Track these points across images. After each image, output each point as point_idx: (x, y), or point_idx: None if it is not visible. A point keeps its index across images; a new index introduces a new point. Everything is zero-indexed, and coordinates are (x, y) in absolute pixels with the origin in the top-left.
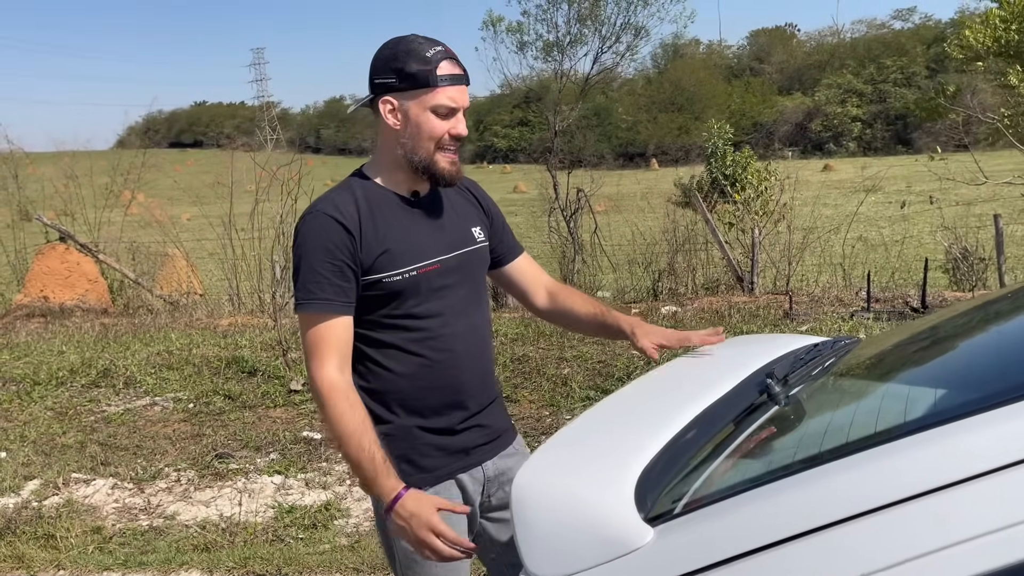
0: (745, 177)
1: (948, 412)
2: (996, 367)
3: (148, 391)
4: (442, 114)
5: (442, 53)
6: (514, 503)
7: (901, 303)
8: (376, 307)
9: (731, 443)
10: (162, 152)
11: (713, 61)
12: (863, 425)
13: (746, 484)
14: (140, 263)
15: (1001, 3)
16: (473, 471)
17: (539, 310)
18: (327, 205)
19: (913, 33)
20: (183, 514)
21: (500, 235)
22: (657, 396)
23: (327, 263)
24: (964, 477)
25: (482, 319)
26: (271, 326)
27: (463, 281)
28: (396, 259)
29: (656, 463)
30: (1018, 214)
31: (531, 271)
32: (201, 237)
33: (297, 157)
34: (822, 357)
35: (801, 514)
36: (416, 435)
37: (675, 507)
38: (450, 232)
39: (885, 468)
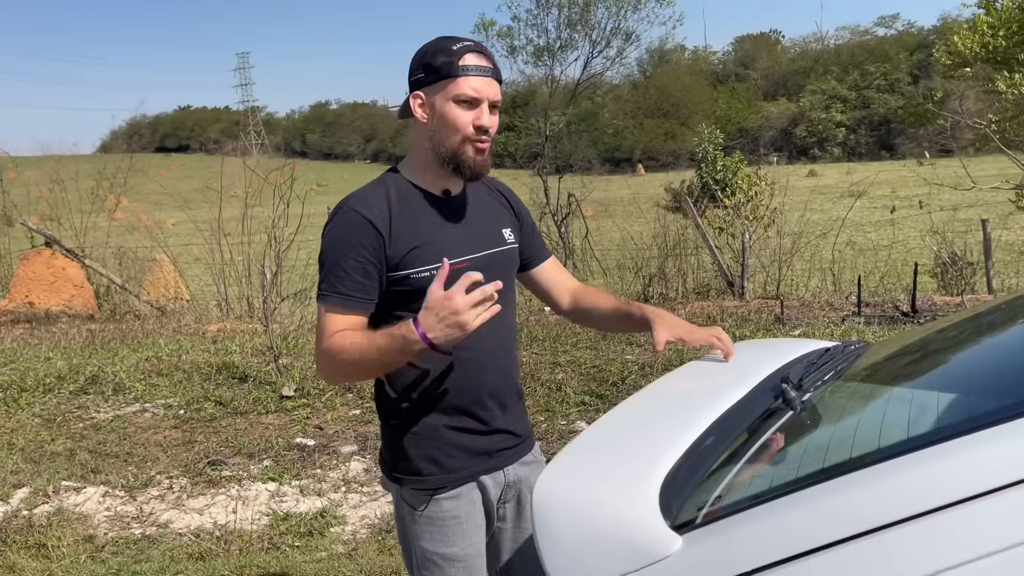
0: (735, 182)
1: (976, 420)
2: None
3: (137, 397)
4: (464, 103)
5: (468, 47)
6: (535, 511)
7: (891, 307)
8: (404, 303)
9: (751, 449)
10: (147, 156)
11: (699, 67)
12: (885, 433)
13: (773, 492)
14: (127, 268)
15: (988, 10)
16: (495, 474)
17: (564, 311)
18: (358, 202)
19: (896, 40)
20: (176, 522)
21: (529, 239)
22: (672, 402)
23: (351, 259)
24: (1005, 484)
25: (508, 322)
26: (261, 331)
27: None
28: (425, 256)
29: (678, 469)
30: (1003, 219)
31: (557, 275)
32: (188, 242)
33: (288, 162)
34: (834, 362)
35: (834, 523)
36: (441, 434)
37: (700, 515)
38: (480, 232)
39: (918, 477)
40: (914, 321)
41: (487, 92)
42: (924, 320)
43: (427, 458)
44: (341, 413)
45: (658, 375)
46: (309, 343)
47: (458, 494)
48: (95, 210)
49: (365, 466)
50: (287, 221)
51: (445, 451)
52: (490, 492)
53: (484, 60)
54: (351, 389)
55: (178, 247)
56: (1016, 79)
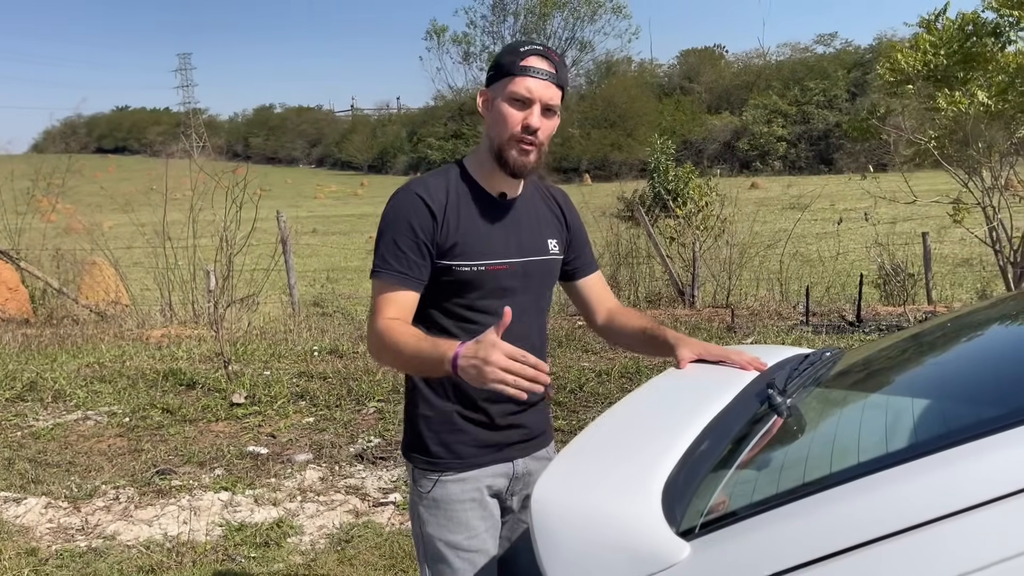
0: (686, 192)
1: (976, 428)
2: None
3: (79, 405)
4: (517, 102)
5: (535, 49)
6: (534, 517)
7: (837, 317)
8: (442, 293)
9: (746, 454)
10: (84, 157)
11: (644, 79)
12: (881, 439)
13: (776, 499)
14: (64, 271)
15: (929, 29)
16: (504, 465)
17: (598, 327)
18: (420, 186)
19: (834, 57)
20: (124, 534)
21: (579, 250)
22: (662, 406)
23: (407, 239)
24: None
25: (537, 328)
26: (208, 337)
27: (527, 287)
28: (469, 251)
29: (677, 475)
30: (937, 232)
31: (600, 290)
32: (129, 245)
33: (240, 165)
34: (814, 368)
35: (844, 531)
36: (455, 422)
37: (704, 520)
38: (526, 238)
39: (926, 483)
40: (859, 330)
41: (542, 94)
42: (869, 329)
43: (438, 441)
44: (294, 421)
45: (614, 382)
46: (259, 349)
47: (464, 479)
48: (30, 211)
49: (321, 475)
50: (239, 224)
51: (456, 437)
52: (498, 483)
53: (546, 64)
54: (303, 397)
55: (118, 250)
56: (956, 97)
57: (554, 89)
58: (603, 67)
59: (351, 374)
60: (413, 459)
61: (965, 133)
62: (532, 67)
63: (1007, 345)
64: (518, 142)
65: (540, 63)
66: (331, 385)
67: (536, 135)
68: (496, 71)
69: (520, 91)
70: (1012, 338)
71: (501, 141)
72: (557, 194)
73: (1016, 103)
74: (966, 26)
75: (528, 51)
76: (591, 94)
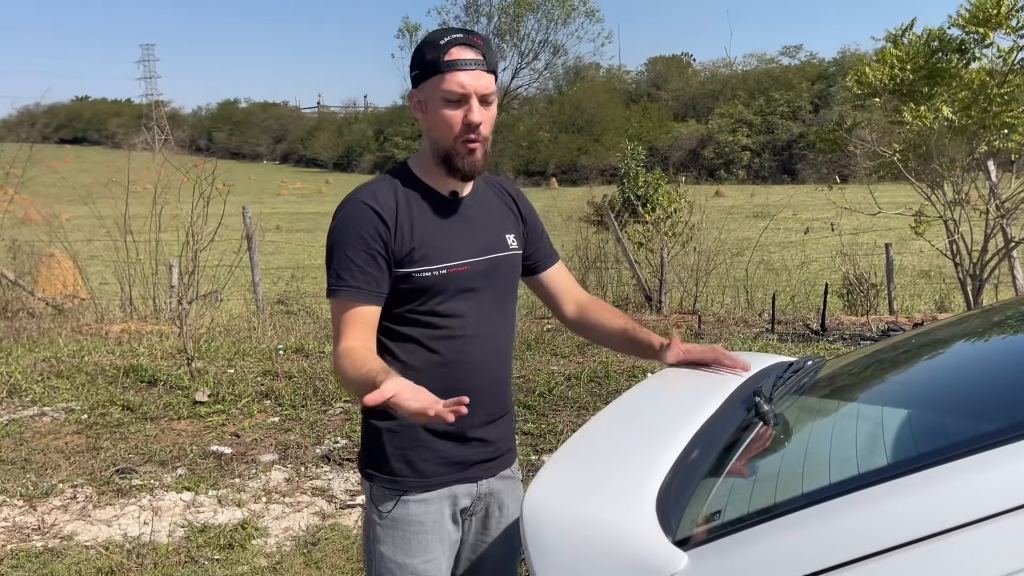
0: (656, 198)
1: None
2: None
3: (35, 400)
4: (453, 101)
5: (456, 39)
6: (526, 525)
7: (802, 325)
8: (402, 301)
9: (735, 462)
10: (41, 147)
11: (612, 85)
12: (876, 451)
13: (774, 509)
14: (20, 263)
15: (896, 44)
16: (468, 485)
17: (568, 320)
18: (367, 194)
19: (799, 69)
20: (82, 534)
21: (537, 242)
22: (650, 412)
23: (361, 251)
24: None
25: (504, 328)
26: (170, 333)
27: (490, 286)
28: (428, 255)
29: (670, 483)
30: (898, 244)
31: (564, 281)
32: (89, 238)
33: (208, 159)
34: (797, 376)
35: (843, 544)
36: (419, 436)
37: (700, 530)
38: (484, 235)
39: (926, 497)
40: (824, 339)
41: (476, 86)
42: (832, 338)
43: (401, 458)
44: (259, 420)
45: (584, 386)
46: (223, 347)
47: (427, 499)
48: None
49: (287, 475)
50: (206, 219)
51: (420, 454)
52: (460, 503)
53: (471, 52)
54: (268, 396)
55: (77, 243)
56: (921, 111)
57: (486, 77)
58: (572, 72)
59: (317, 374)
60: (373, 477)
61: (929, 147)
62: (459, 60)
63: (986, 357)
64: (464, 143)
65: (466, 53)
66: (296, 384)
67: (479, 131)
68: (421, 69)
69: (453, 89)
70: (991, 350)
71: (446, 146)
72: (509, 187)
73: (979, 119)
74: (932, 42)
75: (450, 42)
76: (559, 98)
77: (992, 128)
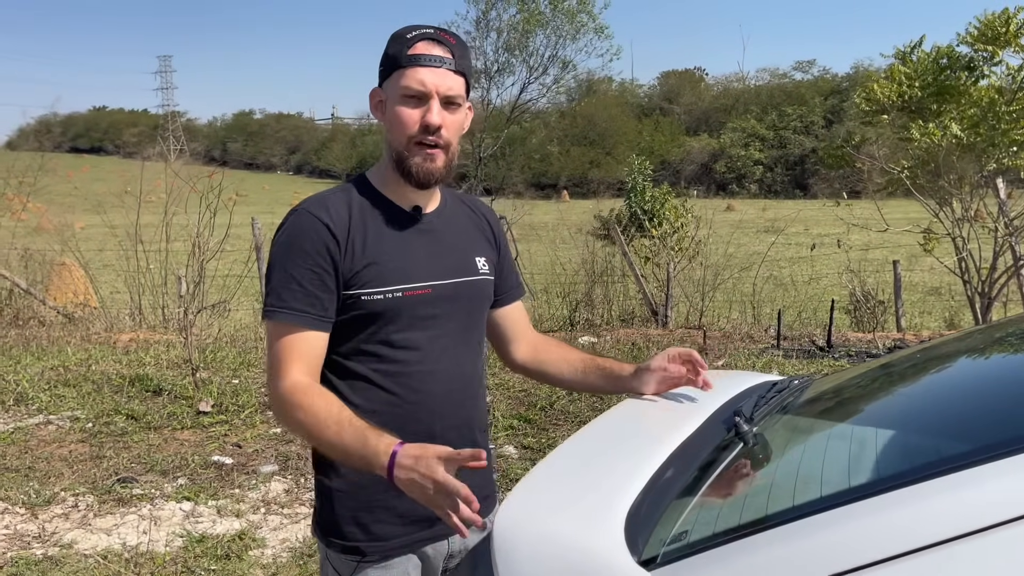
0: (662, 213)
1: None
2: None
3: (41, 408)
4: (411, 98)
5: (425, 33)
6: (496, 546)
7: (808, 342)
8: (352, 331)
9: (710, 484)
10: (57, 156)
11: (625, 99)
12: (849, 473)
13: (739, 530)
14: (32, 272)
15: (905, 61)
16: (438, 544)
17: (515, 362)
18: (316, 205)
19: (812, 84)
20: (82, 542)
21: (506, 275)
22: (629, 433)
23: (306, 269)
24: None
25: (471, 362)
26: (177, 343)
27: (455, 314)
28: (381, 276)
29: (641, 503)
30: (908, 260)
31: (522, 320)
32: (100, 247)
33: (217, 170)
34: (781, 396)
35: (802, 565)
36: (371, 493)
37: (667, 550)
38: (451, 257)
39: (892, 518)
40: (829, 355)
41: (438, 84)
42: (839, 355)
43: (353, 521)
44: (261, 431)
45: (585, 400)
46: (228, 357)
47: (388, 565)
48: (0, 208)
49: (286, 487)
50: (212, 230)
51: (376, 515)
52: (431, 563)
53: (438, 48)
54: (271, 407)
55: (89, 252)
56: (929, 128)
57: (453, 77)
58: (584, 85)
59: None
60: (327, 542)
61: (937, 164)
62: (423, 55)
63: (973, 379)
64: (419, 145)
65: (432, 48)
66: None
67: (439, 134)
68: (384, 65)
69: (412, 85)
70: (979, 372)
71: (400, 147)
72: (484, 209)
73: (987, 136)
74: (941, 59)
75: (416, 36)
76: (571, 112)
77: (1001, 146)
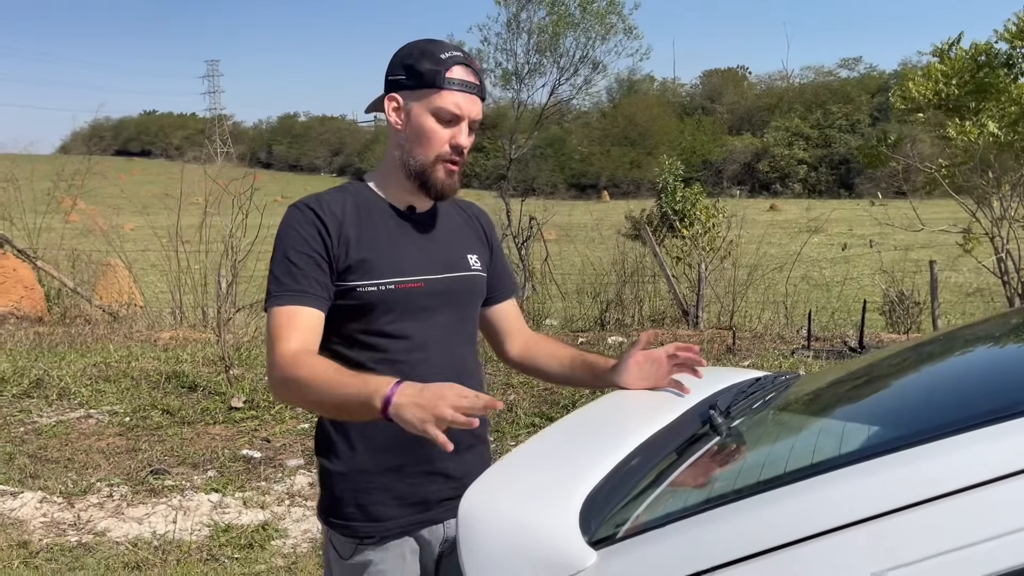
0: (694, 213)
1: (880, 447)
2: (918, 407)
3: (83, 403)
4: (445, 120)
5: (458, 58)
6: (460, 526)
7: (840, 343)
8: (348, 320)
9: (673, 472)
10: (107, 160)
11: (666, 98)
12: (798, 458)
13: (686, 511)
14: (80, 272)
15: (942, 58)
16: (434, 528)
17: (510, 357)
18: (312, 200)
19: (858, 82)
20: (114, 531)
21: (498, 272)
22: (603, 424)
23: (301, 254)
24: (902, 505)
25: (464, 354)
26: (214, 341)
27: (447, 307)
28: (374, 269)
29: (600, 489)
30: (952, 261)
31: (516, 317)
32: (144, 248)
33: (249, 171)
34: (763, 391)
35: (740, 540)
36: (370, 476)
37: (618, 531)
38: (443, 252)
39: (820, 497)
40: (860, 356)
41: (470, 110)
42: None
43: (353, 503)
44: (290, 426)
45: None
46: (262, 354)
47: (385, 547)
48: (50, 211)
49: (310, 480)
50: (245, 231)
51: (373, 497)
52: (428, 547)
53: (472, 76)
54: None
55: (134, 252)
56: (966, 127)
57: (479, 103)
58: (625, 85)
59: None
60: (329, 523)
61: (975, 163)
62: (461, 80)
63: (940, 375)
64: (445, 162)
65: (467, 75)
66: None
67: (463, 154)
68: (411, 77)
69: (449, 108)
70: (950, 368)
71: (425, 161)
72: (476, 211)
73: None
74: (979, 56)
75: (452, 60)
76: (612, 112)
77: None
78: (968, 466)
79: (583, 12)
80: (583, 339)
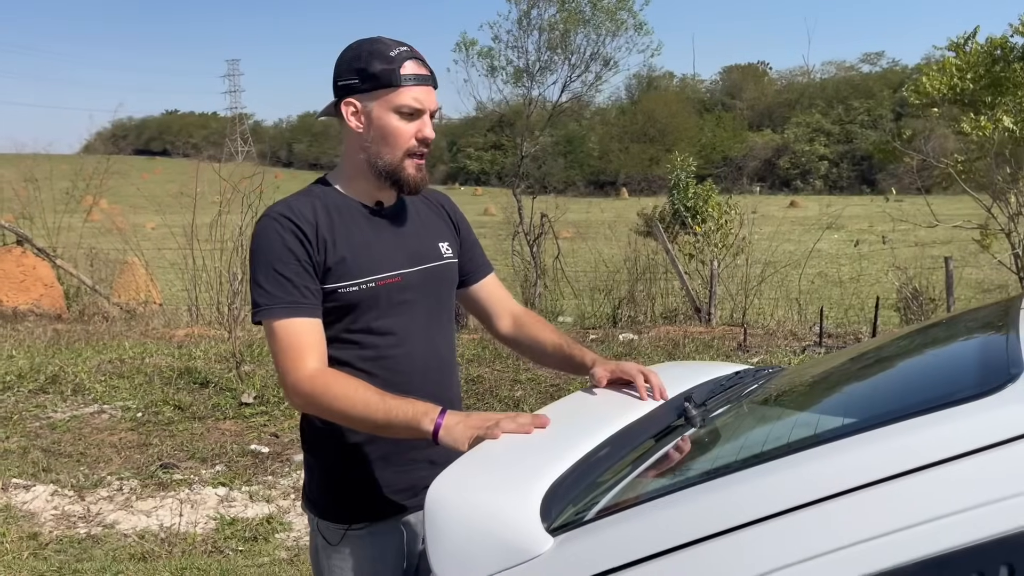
0: (706, 210)
1: (841, 431)
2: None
3: (97, 398)
4: (406, 115)
5: (407, 53)
6: (427, 512)
7: (852, 339)
8: (331, 322)
9: (642, 462)
10: (129, 159)
11: (686, 94)
12: (752, 447)
13: (642, 498)
14: (98, 270)
15: (958, 53)
16: (420, 513)
17: (502, 336)
18: (283, 208)
19: (880, 77)
20: (123, 523)
21: (469, 252)
22: (577, 415)
23: (288, 264)
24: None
25: (444, 342)
26: (226, 338)
27: (425, 297)
28: (353, 269)
29: (565, 478)
30: (970, 257)
31: (498, 293)
32: (162, 246)
33: (261, 170)
34: (743, 384)
35: (693, 523)
36: (359, 464)
37: (578, 519)
38: (415, 245)
39: (776, 480)
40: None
41: (429, 102)
42: None
43: (342, 490)
44: (298, 422)
45: None
46: None
47: (373, 532)
48: (69, 211)
49: None
50: None
51: (361, 484)
52: (415, 533)
53: (423, 68)
54: None
55: (152, 251)
56: (981, 121)
57: (434, 94)
58: (644, 81)
59: None
60: (317, 511)
61: (990, 158)
62: (414, 74)
63: (908, 368)
64: (413, 156)
65: (419, 68)
66: None
67: (428, 146)
68: (365, 80)
69: (410, 103)
70: (921, 361)
71: (393, 160)
72: (439, 197)
73: None
74: (995, 51)
75: (402, 56)
76: (630, 108)
77: None
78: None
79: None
80: (594, 336)
